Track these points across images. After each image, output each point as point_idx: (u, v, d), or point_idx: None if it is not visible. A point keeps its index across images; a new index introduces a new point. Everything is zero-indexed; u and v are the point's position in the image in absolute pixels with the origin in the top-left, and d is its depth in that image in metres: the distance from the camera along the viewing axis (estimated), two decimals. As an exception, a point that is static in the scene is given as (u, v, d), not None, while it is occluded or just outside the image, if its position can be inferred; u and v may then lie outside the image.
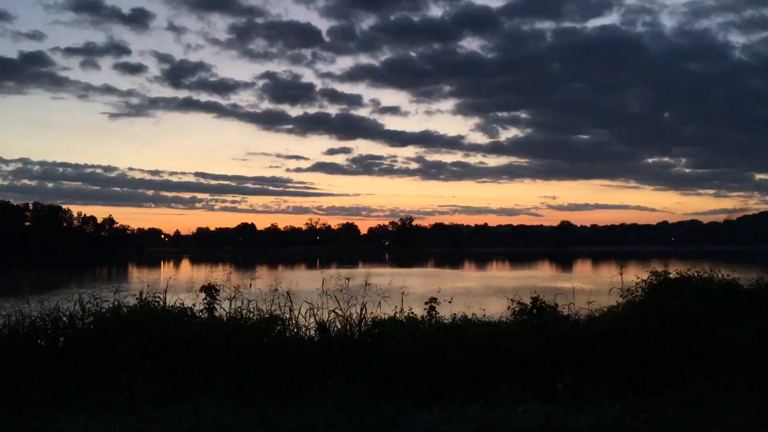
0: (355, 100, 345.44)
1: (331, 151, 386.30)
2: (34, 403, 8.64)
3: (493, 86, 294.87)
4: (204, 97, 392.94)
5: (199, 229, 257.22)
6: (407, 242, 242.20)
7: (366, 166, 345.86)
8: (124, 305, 10.87)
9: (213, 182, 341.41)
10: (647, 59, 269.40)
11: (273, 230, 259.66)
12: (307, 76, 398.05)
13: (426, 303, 11.60)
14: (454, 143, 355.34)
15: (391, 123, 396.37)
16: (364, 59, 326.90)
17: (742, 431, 6.82)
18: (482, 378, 9.50)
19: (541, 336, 10.43)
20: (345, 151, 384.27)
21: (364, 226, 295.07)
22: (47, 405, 8.53)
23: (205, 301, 11.66)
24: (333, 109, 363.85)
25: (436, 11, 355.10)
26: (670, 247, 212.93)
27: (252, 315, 11.00)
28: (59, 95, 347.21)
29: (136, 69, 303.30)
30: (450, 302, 11.88)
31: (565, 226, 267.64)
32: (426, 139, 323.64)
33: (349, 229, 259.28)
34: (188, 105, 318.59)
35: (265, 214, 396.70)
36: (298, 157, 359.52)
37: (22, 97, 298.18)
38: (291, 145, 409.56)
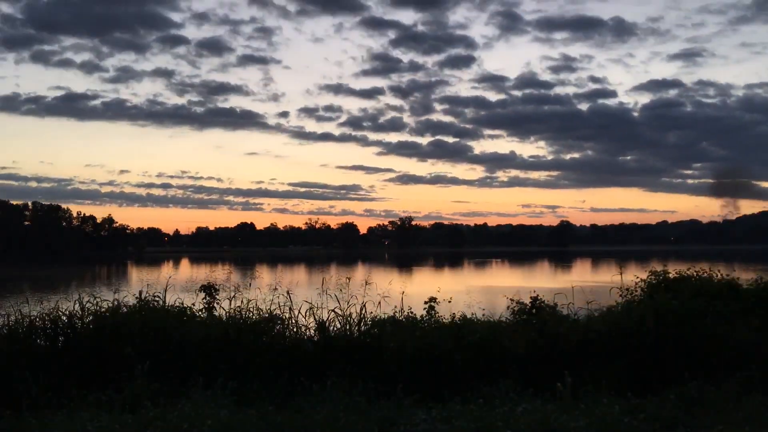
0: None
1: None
2: (33, 403, 8.64)
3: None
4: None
5: (199, 229, 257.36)
6: (407, 242, 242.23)
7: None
8: (123, 305, 10.87)
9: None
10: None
11: (272, 230, 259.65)
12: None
13: (425, 303, 11.59)
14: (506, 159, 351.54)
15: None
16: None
17: (742, 430, 6.83)
18: (482, 378, 9.50)
19: (541, 336, 10.43)
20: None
21: (363, 225, 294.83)
22: (46, 405, 8.52)
23: (204, 301, 11.66)
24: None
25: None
26: (669, 246, 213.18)
27: (251, 314, 11.00)
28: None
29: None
30: (449, 302, 11.88)
31: (565, 226, 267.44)
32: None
33: (349, 228, 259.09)
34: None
35: (265, 214, 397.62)
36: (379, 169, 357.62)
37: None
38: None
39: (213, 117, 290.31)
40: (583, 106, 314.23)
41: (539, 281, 53.93)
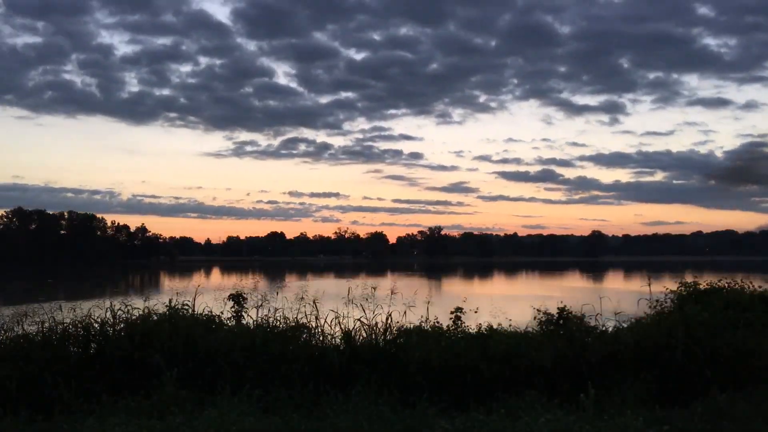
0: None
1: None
2: (65, 408, 8.84)
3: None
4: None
5: (230, 238, 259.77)
6: (436, 252, 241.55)
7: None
8: (153, 312, 11.04)
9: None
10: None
11: (302, 239, 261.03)
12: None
13: (452, 312, 11.59)
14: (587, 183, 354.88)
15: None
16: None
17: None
18: (507, 388, 9.47)
19: (568, 347, 10.36)
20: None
21: (392, 235, 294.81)
22: (77, 410, 8.71)
23: (232, 309, 11.80)
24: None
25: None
26: (703, 257, 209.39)
27: (278, 323, 11.11)
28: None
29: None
30: (476, 312, 11.86)
31: (596, 235, 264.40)
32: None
33: (378, 238, 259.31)
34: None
35: (294, 222, 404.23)
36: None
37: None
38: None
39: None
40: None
41: (568, 291, 53.35)
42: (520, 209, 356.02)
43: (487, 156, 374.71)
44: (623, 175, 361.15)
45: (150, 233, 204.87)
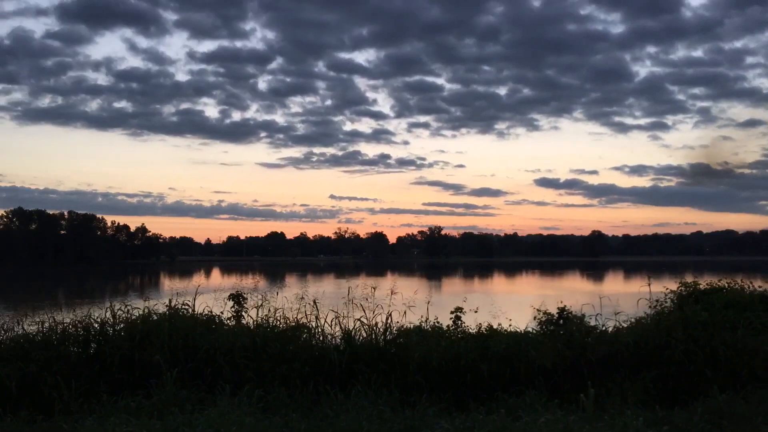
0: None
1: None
2: (64, 408, 8.85)
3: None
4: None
5: (230, 238, 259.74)
6: (436, 251, 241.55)
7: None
8: (153, 312, 11.04)
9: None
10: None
11: (302, 239, 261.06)
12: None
13: (451, 312, 11.60)
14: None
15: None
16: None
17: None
18: (507, 388, 9.48)
19: (568, 347, 10.36)
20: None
21: (392, 235, 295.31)
22: (77, 410, 8.72)
23: (232, 309, 11.80)
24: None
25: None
26: (703, 257, 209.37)
27: (278, 323, 11.11)
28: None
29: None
30: (476, 312, 11.87)
31: (596, 235, 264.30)
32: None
33: (378, 238, 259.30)
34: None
35: (294, 222, 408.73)
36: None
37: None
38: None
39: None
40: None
41: (568, 291, 53.37)
42: (541, 212, 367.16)
43: (525, 166, 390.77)
44: (643, 182, 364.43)
45: (150, 233, 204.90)
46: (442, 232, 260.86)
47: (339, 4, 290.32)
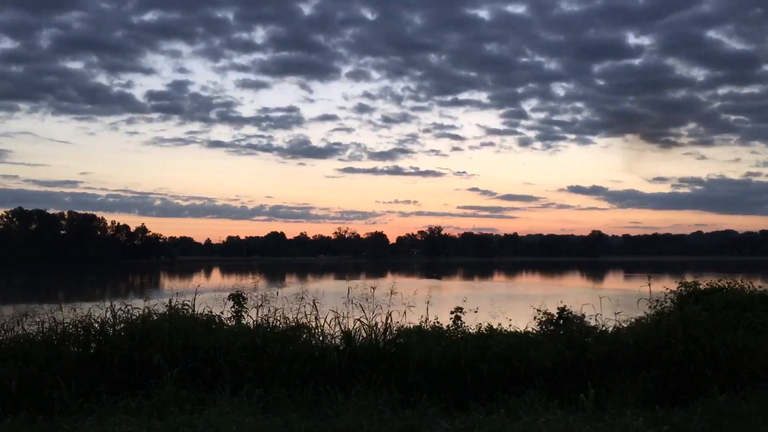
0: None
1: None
2: (65, 408, 8.85)
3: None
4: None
5: (230, 238, 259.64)
6: (436, 251, 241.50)
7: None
8: (153, 312, 11.04)
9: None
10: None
11: (302, 239, 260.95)
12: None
13: (451, 312, 11.60)
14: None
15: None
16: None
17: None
18: (507, 388, 9.48)
19: (568, 347, 10.36)
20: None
21: (392, 235, 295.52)
22: (78, 410, 8.72)
23: (233, 309, 11.80)
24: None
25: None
26: (704, 257, 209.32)
27: (278, 323, 11.12)
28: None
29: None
30: (476, 312, 11.87)
31: (596, 235, 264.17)
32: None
33: (378, 238, 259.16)
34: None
35: (294, 223, 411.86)
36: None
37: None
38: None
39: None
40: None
41: (567, 291, 53.37)
42: (560, 215, 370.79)
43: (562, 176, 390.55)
44: (664, 188, 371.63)
45: (150, 233, 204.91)
46: (442, 233, 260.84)
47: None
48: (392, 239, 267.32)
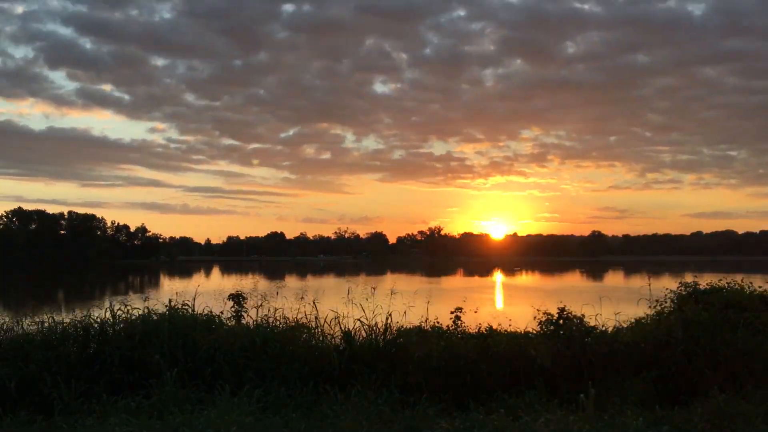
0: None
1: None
2: (64, 408, 8.83)
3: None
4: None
5: (230, 238, 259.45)
6: (436, 251, 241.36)
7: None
8: (153, 312, 11.04)
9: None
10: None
11: (302, 239, 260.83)
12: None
13: (451, 312, 11.60)
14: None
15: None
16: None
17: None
18: (507, 388, 9.47)
19: (568, 347, 10.36)
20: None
21: (392, 235, 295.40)
22: (77, 410, 8.70)
23: (232, 309, 11.80)
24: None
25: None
26: (704, 257, 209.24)
27: (278, 323, 11.12)
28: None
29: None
30: (476, 312, 11.88)
31: (596, 236, 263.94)
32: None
33: (378, 238, 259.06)
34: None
35: (294, 223, 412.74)
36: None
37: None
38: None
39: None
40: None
41: (567, 291, 53.34)
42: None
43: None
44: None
45: (150, 233, 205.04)
46: (442, 232, 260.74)
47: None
48: (392, 239, 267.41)
